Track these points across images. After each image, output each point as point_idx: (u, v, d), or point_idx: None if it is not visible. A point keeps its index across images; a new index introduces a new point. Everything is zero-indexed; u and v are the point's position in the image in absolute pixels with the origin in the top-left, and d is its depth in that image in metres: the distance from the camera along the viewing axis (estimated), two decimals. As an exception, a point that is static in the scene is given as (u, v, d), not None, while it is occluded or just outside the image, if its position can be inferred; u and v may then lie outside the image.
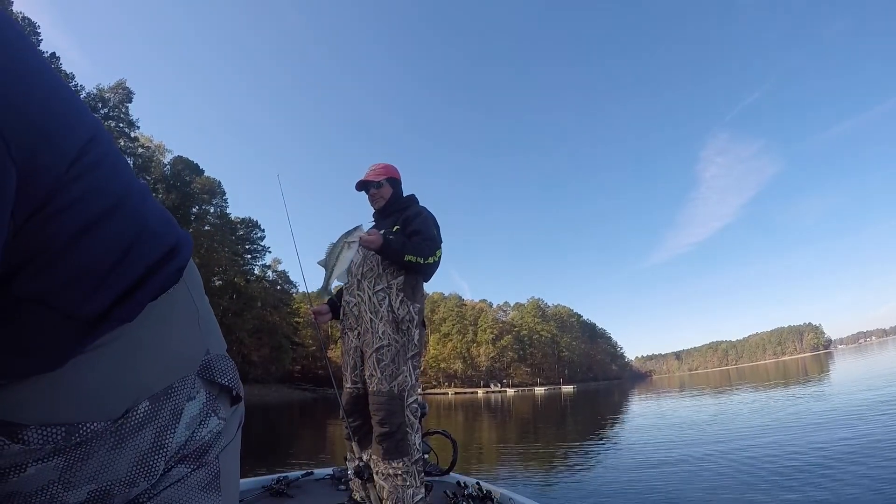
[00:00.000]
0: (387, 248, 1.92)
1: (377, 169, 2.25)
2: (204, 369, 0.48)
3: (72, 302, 0.35)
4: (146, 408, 0.41)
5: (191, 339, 0.48)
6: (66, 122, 0.34)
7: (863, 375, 19.87)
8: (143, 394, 0.41)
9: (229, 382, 0.50)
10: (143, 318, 0.41)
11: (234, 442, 0.53)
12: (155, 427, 0.42)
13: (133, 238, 0.39)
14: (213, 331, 0.53)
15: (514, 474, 6.30)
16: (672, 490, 4.78)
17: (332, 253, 1.88)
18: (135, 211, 0.40)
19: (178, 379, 0.44)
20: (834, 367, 35.47)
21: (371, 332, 1.98)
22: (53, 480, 0.36)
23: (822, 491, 4.17)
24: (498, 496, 2.28)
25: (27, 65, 0.31)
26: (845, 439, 6.21)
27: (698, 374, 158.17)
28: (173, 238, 0.46)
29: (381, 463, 1.89)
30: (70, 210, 0.33)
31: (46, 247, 0.32)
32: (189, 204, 46.26)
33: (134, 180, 0.42)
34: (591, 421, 14.42)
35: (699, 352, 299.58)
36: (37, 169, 0.30)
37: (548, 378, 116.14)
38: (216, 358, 0.50)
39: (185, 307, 0.48)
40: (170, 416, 0.43)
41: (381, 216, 2.25)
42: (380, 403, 1.90)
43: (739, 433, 8.05)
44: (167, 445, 0.43)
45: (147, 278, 0.41)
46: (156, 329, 0.43)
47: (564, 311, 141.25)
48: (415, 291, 2.05)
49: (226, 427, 0.50)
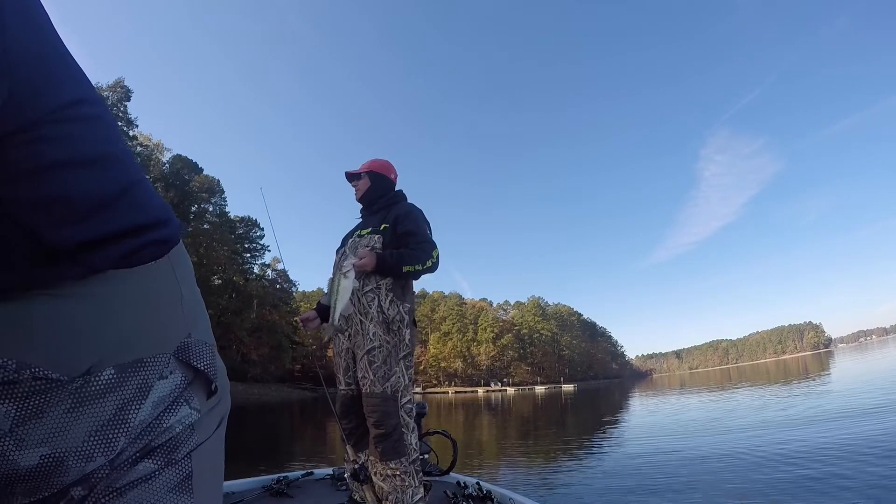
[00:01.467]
0: (382, 265, 1.92)
1: (366, 163, 2.27)
2: (181, 351, 0.46)
3: (37, 224, 0.35)
4: (111, 375, 0.39)
5: (171, 319, 0.46)
6: (55, 76, 0.36)
7: (865, 371, 19.85)
8: (109, 358, 0.39)
9: (206, 368, 0.48)
10: (120, 283, 0.41)
11: (213, 443, 0.49)
12: (118, 398, 0.40)
13: (113, 196, 0.40)
14: (200, 320, 0.51)
15: (515, 476, 6.29)
16: (674, 490, 4.77)
17: (331, 289, 1.89)
18: (121, 175, 0.41)
19: (152, 355, 0.42)
20: (836, 365, 35.41)
21: (361, 333, 1.96)
22: (5, 433, 0.35)
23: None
24: (498, 496, 2.27)
25: (34, 19, 0.35)
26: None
27: (699, 372, 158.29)
28: (162, 214, 0.45)
29: (378, 464, 1.88)
30: (43, 143, 0.34)
31: (17, 165, 0.34)
32: (188, 202, 46.20)
33: (131, 162, 0.44)
34: (593, 420, 14.36)
35: (700, 350, 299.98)
36: (12, 103, 0.32)
37: (548, 377, 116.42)
38: (197, 342, 0.48)
39: (168, 286, 0.47)
40: (136, 390, 0.41)
41: (367, 212, 2.24)
42: (374, 405, 1.88)
43: (742, 432, 8.03)
44: (130, 421, 0.40)
45: (124, 238, 0.41)
46: (133, 298, 0.42)
47: (565, 310, 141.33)
48: (404, 291, 2.03)
49: (200, 423, 0.47)
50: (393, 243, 2.04)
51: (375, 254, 1.93)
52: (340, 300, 1.83)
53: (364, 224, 2.19)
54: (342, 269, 1.84)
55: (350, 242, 2.13)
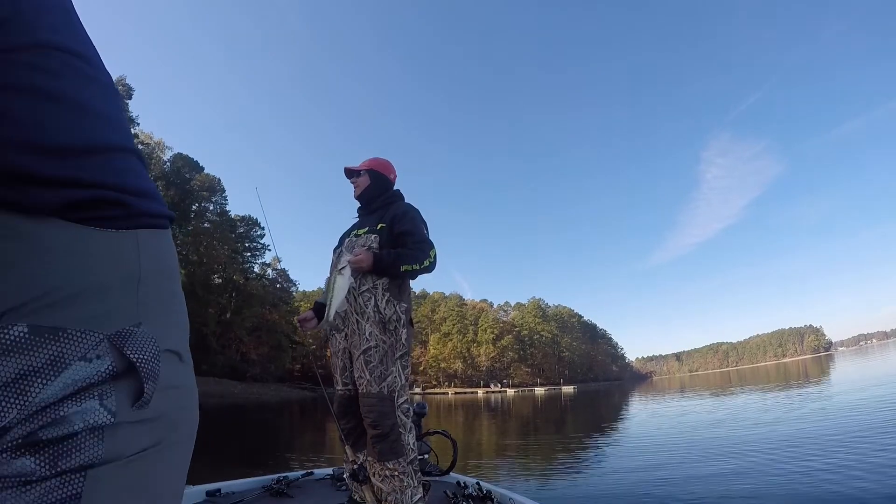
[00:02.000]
0: (379, 264, 1.92)
1: (366, 161, 2.27)
2: (120, 337, 0.38)
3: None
4: (22, 334, 0.33)
5: (118, 300, 0.39)
6: (59, 21, 0.37)
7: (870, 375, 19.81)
8: (24, 312, 0.33)
9: (139, 363, 0.38)
10: (62, 233, 0.36)
11: (137, 473, 0.38)
12: (24, 363, 0.33)
13: (83, 147, 0.38)
14: (162, 319, 0.43)
15: (514, 477, 6.28)
16: (676, 493, 4.76)
17: (328, 287, 1.89)
18: (103, 135, 0.40)
19: (79, 329, 0.35)
20: (837, 368, 35.32)
21: (358, 333, 1.95)
22: None
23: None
24: (498, 496, 2.27)
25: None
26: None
27: (699, 375, 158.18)
28: (138, 185, 0.42)
29: (376, 464, 1.88)
30: (28, 69, 0.35)
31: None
32: (189, 201, 46.22)
33: (126, 136, 0.42)
34: (594, 423, 14.26)
35: (700, 353, 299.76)
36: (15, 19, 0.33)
37: (548, 378, 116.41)
38: (145, 337, 0.39)
39: (124, 264, 0.40)
40: (49, 361, 0.34)
41: (365, 211, 2.24)
42: (370, 406, 1.88)
43: (745, 435, 8.00)
44: (30, 394, 0.33)
45: (74, 187, 0.37)
46: (73, 256, 0.36)
47: (565, 312, 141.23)
48: (401, 291, 2.03)
49: (116, 433, 0.36)
50: (390, 243, 2.03)
51: (373, 253, 1.93)
52: (336, 297, 1.83)
53: (361, 223, 2.18)
54: (338, 265, 1.84)
55: (346, 241, 2.12)
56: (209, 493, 2.23)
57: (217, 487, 2.28)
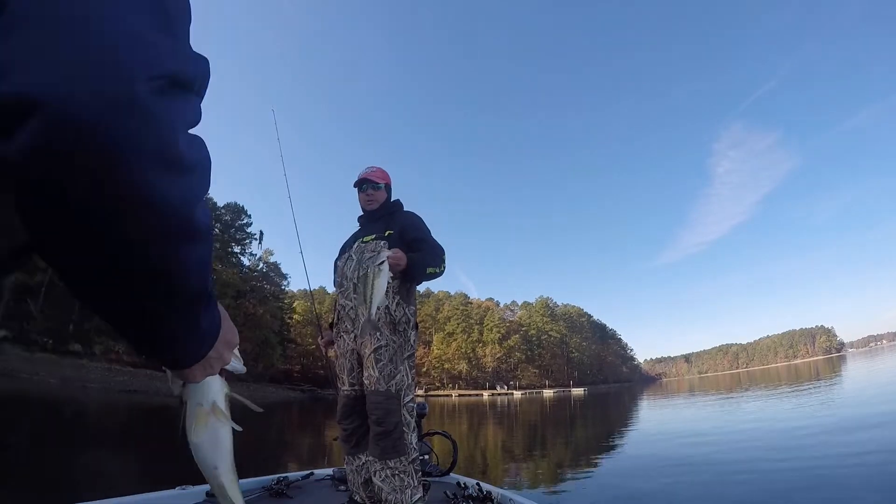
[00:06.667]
0: (412, 265, 1.96)
1: (377, 172, 2.28)
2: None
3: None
4: None
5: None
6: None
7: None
8: None
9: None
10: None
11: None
12: None
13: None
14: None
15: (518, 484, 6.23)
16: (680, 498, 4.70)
17: (366, 284, 1.83)
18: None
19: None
20: (850, 371, 34.49)
21: (368, 333, 1.99)
22: None
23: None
24: (498, 497, 2.26)
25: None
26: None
27: (708, 377, 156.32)
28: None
29: (377, 462, 1.90)
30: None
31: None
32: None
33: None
34: (610, 431, 12.33)
35: (709, 354, 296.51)
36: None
37: (556, 380, 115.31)
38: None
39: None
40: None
41: (368, 220, 2.28)
42: (377, 402, 1.92)
43: (757, 441, 7.77)
44: None
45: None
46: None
47: (574, 311, 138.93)
48: (409, 294, 2.12)
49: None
50: (400, 249, 2.03)
51: (405, 254, 1.94)
52: (377, 294, 1.82)
53: (366, 231, 2.23)
54: (377, 261, 1.84)
55: (356, 246, 2.17)
56: (209, 493, 2.24)
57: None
